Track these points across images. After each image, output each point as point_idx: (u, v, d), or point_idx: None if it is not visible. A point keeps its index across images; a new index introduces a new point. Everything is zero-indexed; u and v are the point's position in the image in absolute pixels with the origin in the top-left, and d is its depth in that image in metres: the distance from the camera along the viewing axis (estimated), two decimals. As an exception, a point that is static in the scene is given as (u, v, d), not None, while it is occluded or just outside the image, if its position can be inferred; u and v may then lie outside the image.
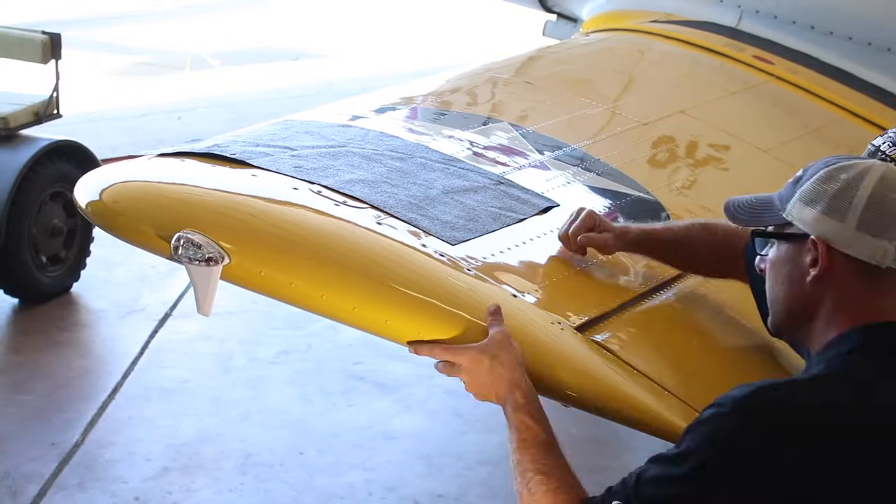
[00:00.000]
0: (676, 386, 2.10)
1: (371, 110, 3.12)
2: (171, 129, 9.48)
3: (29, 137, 5.89)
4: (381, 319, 2.07)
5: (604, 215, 2.48)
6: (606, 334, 2.20)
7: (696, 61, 4.38)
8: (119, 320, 5.98)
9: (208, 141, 2.61)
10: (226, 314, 5.82)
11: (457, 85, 3.66)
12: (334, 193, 2.36)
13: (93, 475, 4.50)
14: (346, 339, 5.63)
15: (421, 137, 2.87)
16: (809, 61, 4.48)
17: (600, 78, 3.99)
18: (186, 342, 5.72)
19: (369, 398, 5.22)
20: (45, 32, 6.00)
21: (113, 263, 6.40)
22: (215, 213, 2.20)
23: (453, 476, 4.58)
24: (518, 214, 2.53)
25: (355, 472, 4.58)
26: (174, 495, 4.40)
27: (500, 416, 1.95)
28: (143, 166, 2.46)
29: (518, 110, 3.46)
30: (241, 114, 9.61)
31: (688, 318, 2.46)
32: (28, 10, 12.67)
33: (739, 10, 4.76)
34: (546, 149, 3.02)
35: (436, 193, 2.50)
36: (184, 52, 12.15)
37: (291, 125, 2.81)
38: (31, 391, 5.08)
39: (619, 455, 4.71)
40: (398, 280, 2.13)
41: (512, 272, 2.33)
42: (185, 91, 10.95)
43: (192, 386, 5.28)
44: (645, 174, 3.11)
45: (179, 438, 4.81)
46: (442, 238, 2.31)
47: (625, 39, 4.53)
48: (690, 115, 3.64)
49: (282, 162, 2.47)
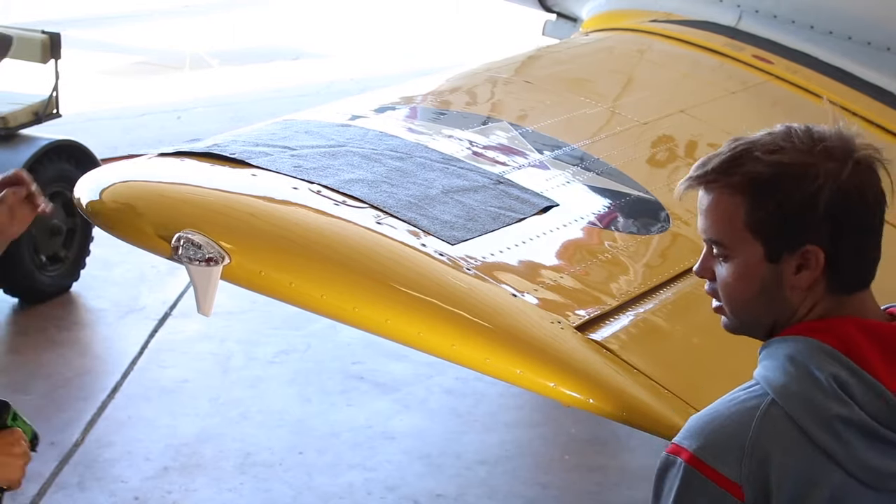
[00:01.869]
0: (676, 385, 2.10)
1: (371, 110, 3.12)
2: (171, 128, 9.48)
3: (28, 137, 5.90)
4: (380, 319, 2.07)
5: (603, 215, 2.49)
6: (606, 334, 2.21)
7: (696, 61, 4.38)
8: (118, 320, 5.98)
9: (208, 140, 2.61)
10: (225, 314, 5.82)
11: (456, 84, 3.66)
12: (334, 193, 2.37)
13: (92, 475, 4.50)
14: (346, 339, 5.63)
15: (420, 137, 2.87)
16: (809, 61, 4.47)
17: (600, 77, 3.99)
18: (186, 342, 5.71)
19: (368, 398, 5.22)
20: (44, 32, 6.00)
21: (112, 263, 6.40)
22: (215, 212, 2.20)
23: (452, 476, 4.58)
24: (517, 214, 2.53)
25: (354, 472, 4.58)
26: (173, 495, 4.40)
27: (500, 416, 1.95)
28: (142, 166, 2.47)
29: (518, 110, 3.46)
30: (240, 113, 9.61)
31: (687, 317, 2.46)
32: (28, 9, 12.67)
33: (739, 9, 4.76)
34: (546, 148, 3.02)
35: (435, 193, 2.50)
36: (183, 51, 12.14)
37: (291, 125, 2.81)
38: (30, 390, 5.08)
39: (619, 455, 4.71)
40: (398, 280, 2.13)
41: (511, 272, 2.33)
42: (184, 91, 10.96)
43: (192, 386, 5.28)
44: (644, 174, 3.11)
45: (179, 438, 4.81)
46: (441, 238, 2.31)
47: (624, 39, 4.53)
48: (690, 114, 3.64)
49: (281, 161, 2.47)
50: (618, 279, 2.45)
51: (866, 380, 1.51)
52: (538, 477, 4.59)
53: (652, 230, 2.73)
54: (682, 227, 2.80)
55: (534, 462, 4.75)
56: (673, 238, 2.74)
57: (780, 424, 1.50)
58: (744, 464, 1.49)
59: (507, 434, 4.87)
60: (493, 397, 5.14)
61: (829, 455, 1.49)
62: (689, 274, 2.52)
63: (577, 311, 2.24)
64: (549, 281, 2.36)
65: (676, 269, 2.53)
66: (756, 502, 1.49)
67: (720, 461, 1.49)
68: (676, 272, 2.49)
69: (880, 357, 1.54)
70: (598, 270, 2.44)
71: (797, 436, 1.49)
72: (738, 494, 1.49)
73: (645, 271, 2.50)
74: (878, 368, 1.53)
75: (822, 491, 1.48)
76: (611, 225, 2.68)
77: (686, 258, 2.64)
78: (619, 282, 2.44)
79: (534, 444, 4.85)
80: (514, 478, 4.58)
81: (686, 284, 2.49)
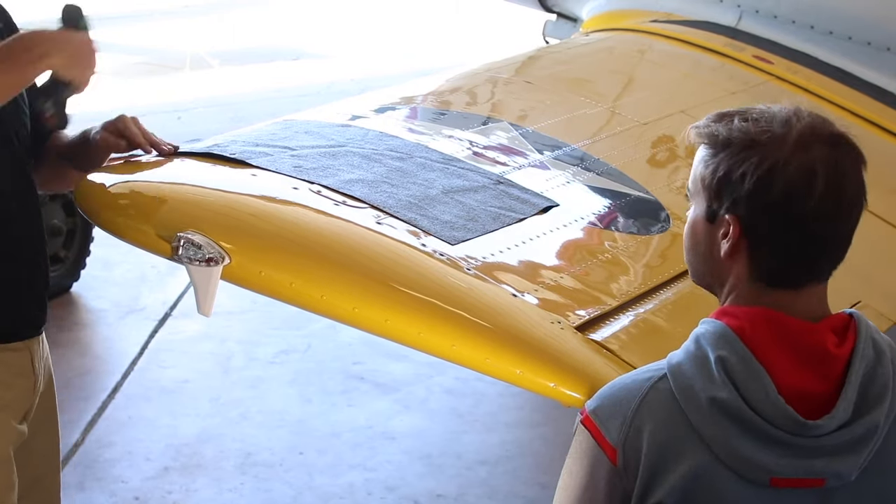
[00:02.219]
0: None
1: (371, 110, 3.12)
2: (171, 128, 9.42)
3: (29, 137, 5.89)
4: (380, 319, 2.08)
5: (603, 215, 2.48)
6: (606, 334, 2.21)
7: (696, 61, 4.38)
8: (119, 320, 5.98)
9: (208, 141, 2.61)
10: (225, 314, 5.82)
11: (456, 84, 3.66)
12: (334, 193, 2.37)
13: (93, 475, 4.50)
14: (346, 339, 5.64)
15: (421, 137, 2.87)
16: (809, 61, 4.48)
17: (600, 77, 3.99)
18: (186, 342, 5.72)
19: (369, 398, 5.22)
20: (45, 32, 5.99)
21: (113, 263, 6.40)
22: (215, 213, 2.20)
23: (453, 476, 4.58)
24: (518, 214, 2.53)
25: (355, 472, 4.58)
26: (174, 495, 4.40)
27: (501, 416, 1.96)
28: (142, 166, 2.46)
29: (518, 110, 3.46)
30: (240, 114, 9.61)
31: (688, 317, 2.45)
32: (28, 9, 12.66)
33: (739, 9, 4.76)
34: (546, 148, 3.02)
35: (435, 193, 2.50)
36: (183, 51, 12.15)
37: (291, 125, 2.81)
38: (30, 391, 5.08)
39: (619, 455, 4.71)
40: (398, 280, 2.13)
41: (512, 272, 2.33)
42: (184, 91, 10.96)
43: (192, 386, 5.28)
44: (645, 174, 3.11)
45: (179, 438, 4.81)
46: (442, 238, 2.31)
47: (625, 39, 4.53)
48: (690, 114, 3.64)
49: (281, 162, 2.47)
50: (618, 279, 2.45)
51: (753, 367, 1.53)
52: (539, 477, 4.59)
53: (652, 230, 2.73)
54: (682, 227, 2.79)
55: (534, 462, 4.75)
56: (673, 238, 2.74)
57: (663, 398, 1.57)
58: (622, 430, 1.58)
59: (508, 434, 4.87)
60: (494, 397, 5.14)
61: (699, 436, 1.53)
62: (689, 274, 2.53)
63: (578, 312, 2.24)
64: (550, 281, 2.36)
65: (677, 269, 2.53)
66: (627, 469, 1.57)
67: (605, 425, 1.60)
68: (677, 272, 2.49)
69: (779, 351, 1.55)
70: (598, 270, 2.44)
71: (675, 412, 1.56)
72: (613, 458, 1.58)
73: (645, 271, 2.50)
74: (774, 361, 1.54)
75: (683, 466, 1.53)
76: (611, 225, 2.68)
77: (686, 258, 2.64)
78: (620, 282, 2.44)
79: (534, 445, 4.85)
80: (515, 478, 4.58)
81: (686, 284, 2.48)
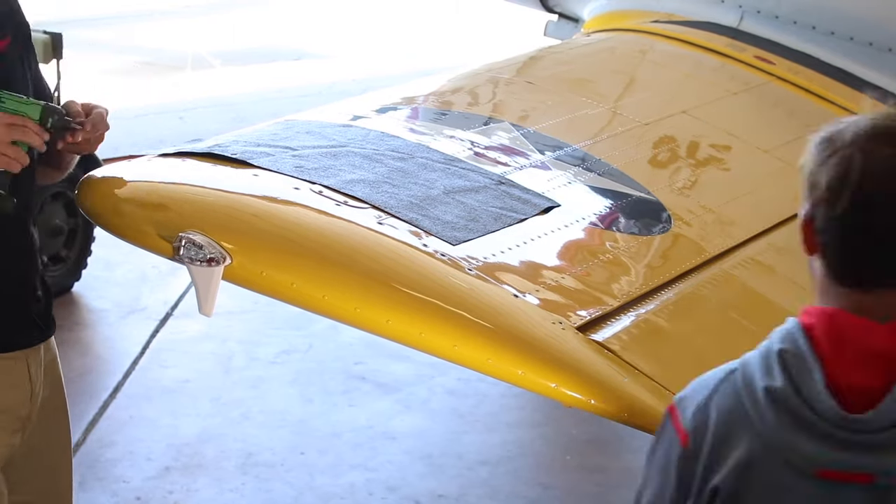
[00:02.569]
0: (678, 386, 2.09)
1: (372, 110, 3.12)
2: (173, 128, 9.48)
3: (30, 137, 5.88)
4: (382, 319, 2.07)
5: (605, 216, 2.48)
6: (608, 334, 2.20)
7: (698, 62, 4.38)
8: (120, 320, 5.98)
9: (209, 141, 2.61)
10: (227, 314, 5.82)
11: (458, 85, 3.66)
12: (335, 193, 2.36)
13: (94, 475, 4.50)
14: (347, 339, 5.64)
15: (422, 137, 2.87)
16: (811, 61, 4.47)
17: (601, 78, 3.99)
18: (187, 342, 5.72)
19: (370, 398, 5.23)
20: (46, 32, 5.99)
21: (114, 263, 6.41)
22: (217, 213, 2.20)
23: (454, 476, 4.59)
24: (519, 214, 2.53)
25: (356, 473, 4.58)
26: (175, 495, 4.40)
27: (502, 417, 1.96)
28: (144, 166, 2.46)
29: (519, 110, 3.46)
30: (242, 114, 9.61)
31: (689, 318, 2.46)
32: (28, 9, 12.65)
33: (741, 10, 4.76)
34: (547, 149, 3.02)
35: (437, 193, 2.50)
36: (185, 51, 12.16)
37: (292, 125, 2.81)
38: (32, 391, 5.08)
39: (620, 455, 4.71)
40: (399, 280, 2.13)
41: (513, 272, 2.33)
42: (186, 91, 10.96)
43: (193, 386, 5.29)
44: (646, 174, 3.10)
45: (180, 438, 4.81)
46: (443, 238, 2.31)
47: (626, 40, 4.53)
48: (692, 115, 3.64)
49: (283, 162, 2.47)
50: (619, 280, 2.45)
51: (808, 361, 1.56)
52: (540, 477, 4.59)
53: (653, 231, 2.73)
54: (683, 227, 2.80)
55: (535, 462, 4.75)
56: (674, 239, 2.74)
57: (731, 389, 1.62)
58: (695, 417, 1.63)
59: (509, 434, 4.87)
60: (495, 398, 5.14)
61: (753, 425, 1.58)
62: (690, 275, 2.53)
63: (579, 312, 2.24)
64: (551, 281, 2.36)
65: (678, 269, 2.53)
66: (695, 453, 1.63)
67: (683, 410, 1.66)
68: (678, 273, 2.49)
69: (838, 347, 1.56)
70: (599, 271, 2.44)
71: (738, 402, 1.61)
72: (684, 442, 1.64)
73: (646, 272, 2.50)
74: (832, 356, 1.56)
75: (737, 454, 1.58)
76: (612, 225, 2.68)
77: (688, 259, 2.64)
78: (621, 282, 2.44)
79: (535, 445, 4.85)
80: (516, 478, 4.58)
81: (688, 285, 2.49)
